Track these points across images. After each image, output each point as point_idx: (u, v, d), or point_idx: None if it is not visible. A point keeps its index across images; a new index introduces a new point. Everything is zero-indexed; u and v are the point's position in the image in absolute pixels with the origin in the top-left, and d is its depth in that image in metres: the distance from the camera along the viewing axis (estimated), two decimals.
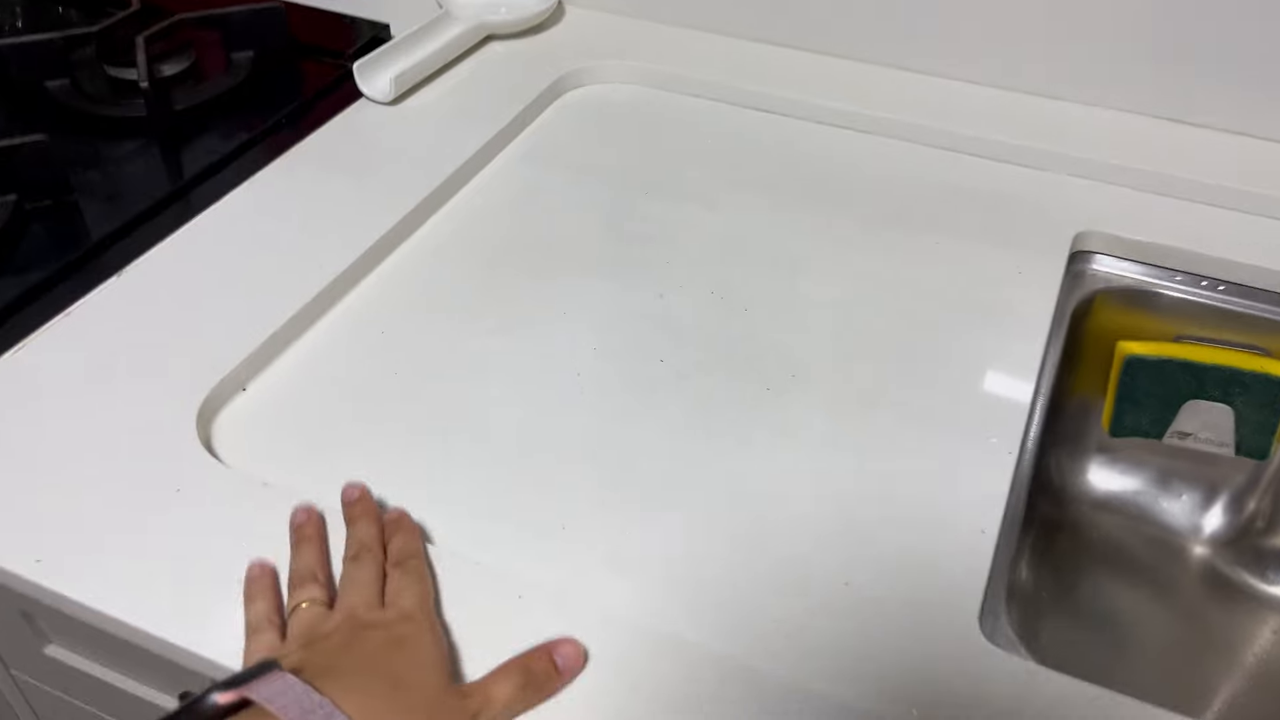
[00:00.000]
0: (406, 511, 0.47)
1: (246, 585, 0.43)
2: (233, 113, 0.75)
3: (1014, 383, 0.58)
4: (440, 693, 0.38)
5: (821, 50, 0.84)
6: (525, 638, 0.42)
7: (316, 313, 0.60)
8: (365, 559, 0.43)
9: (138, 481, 0.49)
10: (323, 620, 0.40)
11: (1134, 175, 0.72)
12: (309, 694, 0.33)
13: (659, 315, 0.61)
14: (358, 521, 0.45)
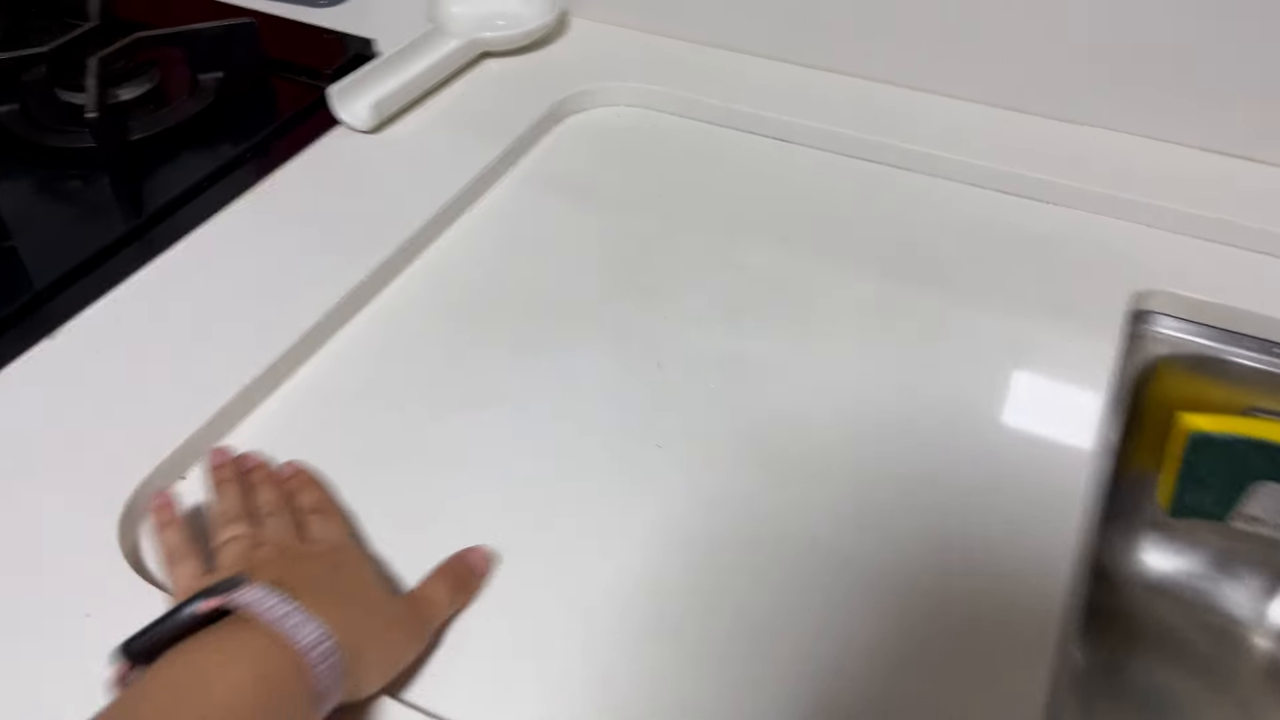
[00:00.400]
0: (303, 465, 0.47)
1: (155, 518, 0.43)
2: (197, 142, 0.68)
3: (1070, 467, 0.50)
4: (391, 601, 0.40)
5: (851, 72, 0.76)
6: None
7: (272, 383, 0.53)
8: (279, 514, 0.43)
9: (46, 600, 0.42)
10: (253, 551, 0.40)
11: (1203, 223, 0.63)
12: (283, 600, 0.34)
13: (657, 390, 0.53)
14: (261, 486, 0.45)
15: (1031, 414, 0.53)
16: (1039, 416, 0.53)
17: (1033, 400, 0.54)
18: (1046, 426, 0.52)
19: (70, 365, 0.53)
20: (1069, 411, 0.53)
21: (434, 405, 0.52)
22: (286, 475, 0.46)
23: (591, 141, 0.72)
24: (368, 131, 0.69)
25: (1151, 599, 0.68)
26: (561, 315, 0.58)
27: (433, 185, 0.65)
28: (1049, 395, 0.54)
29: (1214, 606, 0.67)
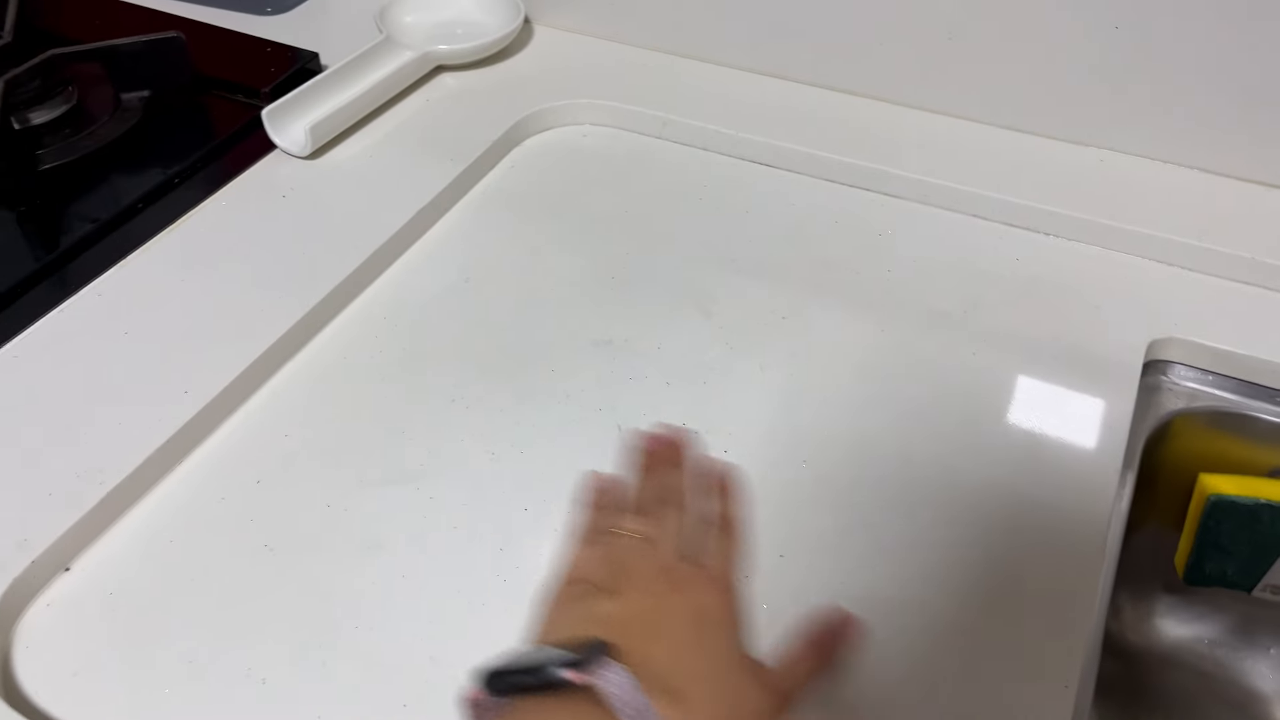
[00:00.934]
0: (734, 471, 0.41)
1: (592, 492, 0.41)
2: (118, 168, 0.61)
3: (1087, 536, 0.44)
4: (752, 685, 0.35)
5: (838, 87, 0.70)
6: None
7: (178, 454, 0.47)
8: (677, 515, 0.39)
9: None
10: (641, 561, 0.37)
11: (1227, 261, 0.57)
12: (637, 693, 0.32)
13: (614, 458, 0.47)
14: (681, 472, 0.41)
15: (1042, 476, 0.47)
16: (1050, 479, 0.47)
17: (1043, 463, 0.47)
18: (1059, 491, 0.46)
19: None
20: (1082, 473, 0.47)
21: (360, 471, 0.46)
22: (716, 472, 0.42)
23: (555, 164, 0.66)
24: (306, 157, 0.63)
25: (1167, 669, 0.62)
26: (502, 372, 0.52)
27: (376, 216, 0.59)
28: (1059, 457, 0.48)
29: (1235, 679, 0.61)
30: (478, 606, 0.42)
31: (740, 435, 0.49)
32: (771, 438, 0.49)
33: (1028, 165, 0.63)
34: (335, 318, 0.55)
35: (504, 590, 0.42)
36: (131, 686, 0.39)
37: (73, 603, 0.42)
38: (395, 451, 0.48)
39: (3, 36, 0.64)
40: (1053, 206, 0.60)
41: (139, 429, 0.47)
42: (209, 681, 0.39)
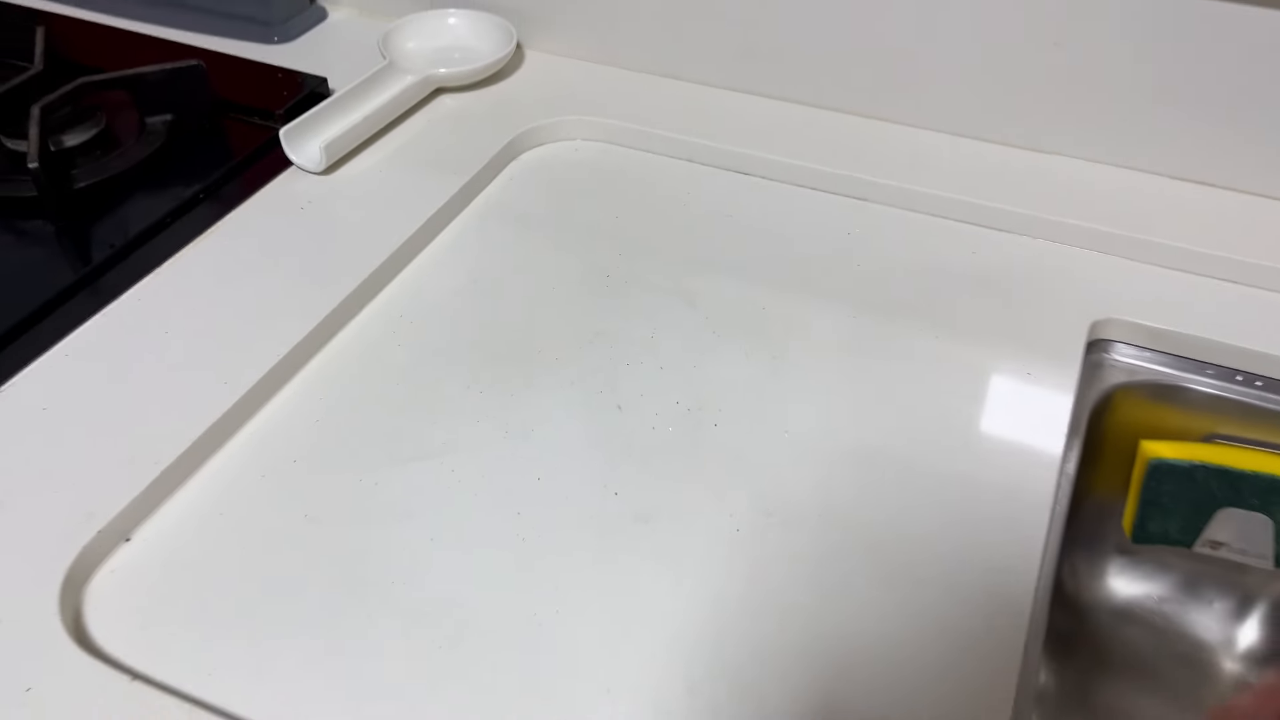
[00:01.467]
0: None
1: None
2: (145, 186, 0.66)
3: (1032, 500, 0.50)
4: None
5: (810, 102, 0.76)
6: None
7: (220, 438, 0.52)
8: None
9: None
10: None
11: (1161, 250, 0.64)
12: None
13: (615, 434, 0.53)
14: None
15: (994, 445, 0.52)
16: (1002, 447, 0.52)
17: (995, 432, 0.53)
18: (1010, 456, 0.52)
19: (12, 423, 0.52)
20: (1032, 440, 0.53)
21: (387, 451, 0.51)
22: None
23: (549, 176, 0.72)
24: (321, 173, 0.68)
25: (1118, 624, 0.68)
26: (510, 362, 0.57)
27: (388, 226, 0.64)
28: (1011, 426, 0.54)
29: (1181, 631, 0.67)
30: (499, 562, 0.47)
31: (728, 411, 0.54)
32: (757, 412, 0.54)
33: (981, 169, 0.70)
34: (355, 316, 0.60)
35: (522, 548, 0.47)
36: (192, 637, 0.43)
37: (134, 568, 0.46)
38: (418, 432, 0.53)
39: (34, 66, 0.69)
40: (1005, 205, 0.66)
41: (185, 416, 0.51)
42: (262, 631, 0.44)
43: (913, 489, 0.50)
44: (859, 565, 0.47)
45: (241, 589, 0.45)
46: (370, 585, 0.46)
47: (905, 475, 0.51)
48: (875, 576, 0.47)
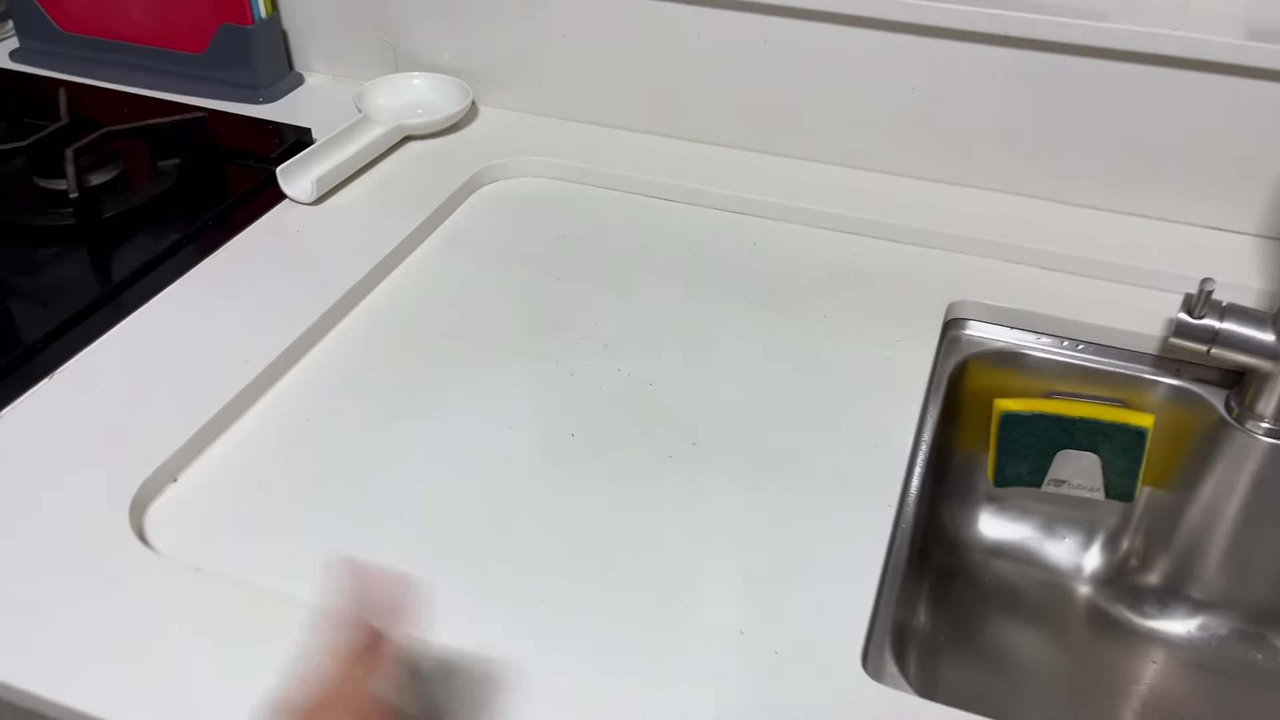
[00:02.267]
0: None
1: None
2: (161, 217, 0.78)
3: (894, 441, 0.63)
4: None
5: (716, 142, 0.91)
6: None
7: (244, 405, 0.64)
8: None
9: (72, 572, 0.52)
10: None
11: (1001, 249, 0.79)
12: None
13: (569, 392, 0.65)
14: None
15: (869, 395, 0.66)
16: (875, 396, 0.66)
17: (869, 386, 0.67)
18: (878, 415, 0.66)
19: (72, 397, 0.62)
20: (898, 390, 0.67)
21: (385, 410, 0.63)
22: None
23: (504, 205, 0.85)
24: (310, 204, 0.81)
25: (990, 561, 0.81)
26: (479, 345, 0.70)
27: (372, 244, 0.77)
28: (882, 382, 0.67)
29: (1042, 563, 0.81)
30: (482, 473, 0.59)
31: (660, 376, 0.67)
32: (684, 376, 0.67)
33: (859, 191, 0.85)
34: (347, 315, 0.72)
35: (500, 461, 0.59)
36: (236, 546, 0.54)
37: (182, 501, 0.57)
38: (404, 398, 0.65)
39: (61, 119, 0.81)
40: (878, 218, 0.82)
41: (214, 387, 0.63)
42: (298, 533, 0.55)
43: (799, 430, 0.64)
44: (757, 483, 0.60)
45: (275, 509, 0.57)
46: (383, 495, 0.57)
47: (795, 419, 0.64)
48: (762, 498, 0.60)
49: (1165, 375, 0.73)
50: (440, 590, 0.53)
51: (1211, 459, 0.73)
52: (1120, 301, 0.75)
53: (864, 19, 0.81)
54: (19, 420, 0.61)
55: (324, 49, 0.99)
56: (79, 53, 1.00)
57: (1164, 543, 0.78)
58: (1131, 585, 0.79)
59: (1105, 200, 0.83)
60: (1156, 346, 0.73)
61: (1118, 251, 0.78)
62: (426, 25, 0.94)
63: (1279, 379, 0.67)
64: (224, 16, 0.94)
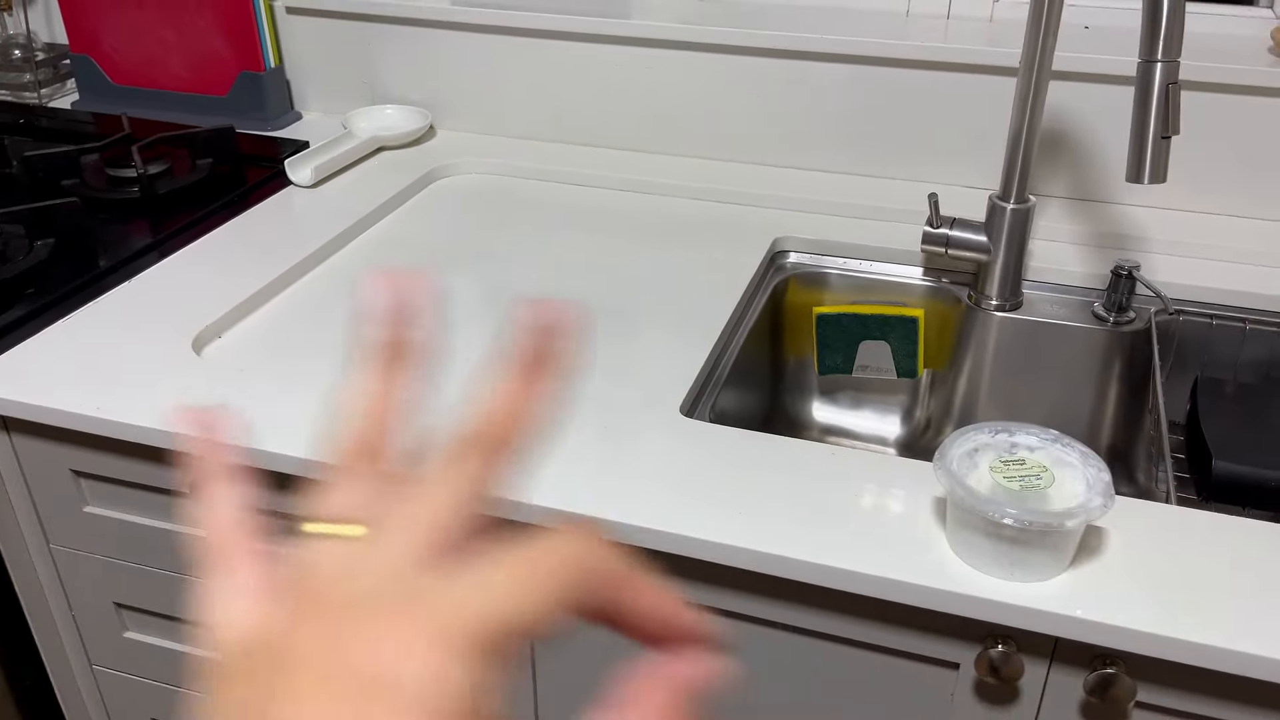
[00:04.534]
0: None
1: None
2: (199, 196, 1.07)
3: (720, 305, 0.91)
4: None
5: (617, 146, 1.21)
6: None
7: (262, 300, 0.91)
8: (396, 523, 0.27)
9: (160, 370, 0.78)
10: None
11: (814, 204, 1.08)
12: None
13: (499, 293, 0.93)
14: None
15: (705, 290, 0.94)
16: (710, 291, 0.94)
17: (708, 284, 0.95)
18: (717, 299, 0.93)
19: (148, 296, 0.89)
20: (729, 285, 0.94)
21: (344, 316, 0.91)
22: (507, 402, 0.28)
23: (453, 190, 1.14)
24: (309, 187, 1.10)
25: (824, 437, 1.08)
26: (436, 273, 0.98)
27: (354, 214, 1.05)
28: (718, 282, 0.95)
29: (861, 434, 1.08)
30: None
31: (575, 288, 0.95)
32: (584, 279, 0.95)
33: (716, 173, 1.15)
34: (330, 258, 1.00)
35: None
36: (263, 384, 0.81)
37: (228, 349, 0.84)
38: None
39: (125, 131, 1.11)
40: (727, 188, 1.11)
41: (241, 286, 0.90)
42: (307, 379, 0.81)
43: (655, 302, 0.91)
44: (624, 330, 0.87)
45: (284, 352, 0.83)
46: None
47: (653, 299, 0.92)
48: (629, 337, 0.87)
49: (929, 280, 1.02)
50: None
51: (966, 337, 1.01)
52: (899, 236, 1.04)
53: (720, 46, 1.13)
54: (110, 303, 0.88)
55: (318, 91, 1.30)
56: (128, 100, 1.29)
57: (946, 409, 1.05)
58: (926, 448, 1.06)
59: (892, 171, 1.13)
60: (921, 261, 1.02)
61: (898, 202, 1.08)
62: (398, 70, 1.25)
63: (994, 267, 0.96)
64: (243, 66, 1.24)
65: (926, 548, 0.63)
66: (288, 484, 0.70)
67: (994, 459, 0.61)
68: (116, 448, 0.76)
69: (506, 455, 0.27)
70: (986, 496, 0.58)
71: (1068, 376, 0.99)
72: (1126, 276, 0.93)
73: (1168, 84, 0.68)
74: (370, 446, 0.28)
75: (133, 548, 0.83)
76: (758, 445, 0.73)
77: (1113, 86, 1.02)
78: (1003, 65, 1.04)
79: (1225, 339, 0.94)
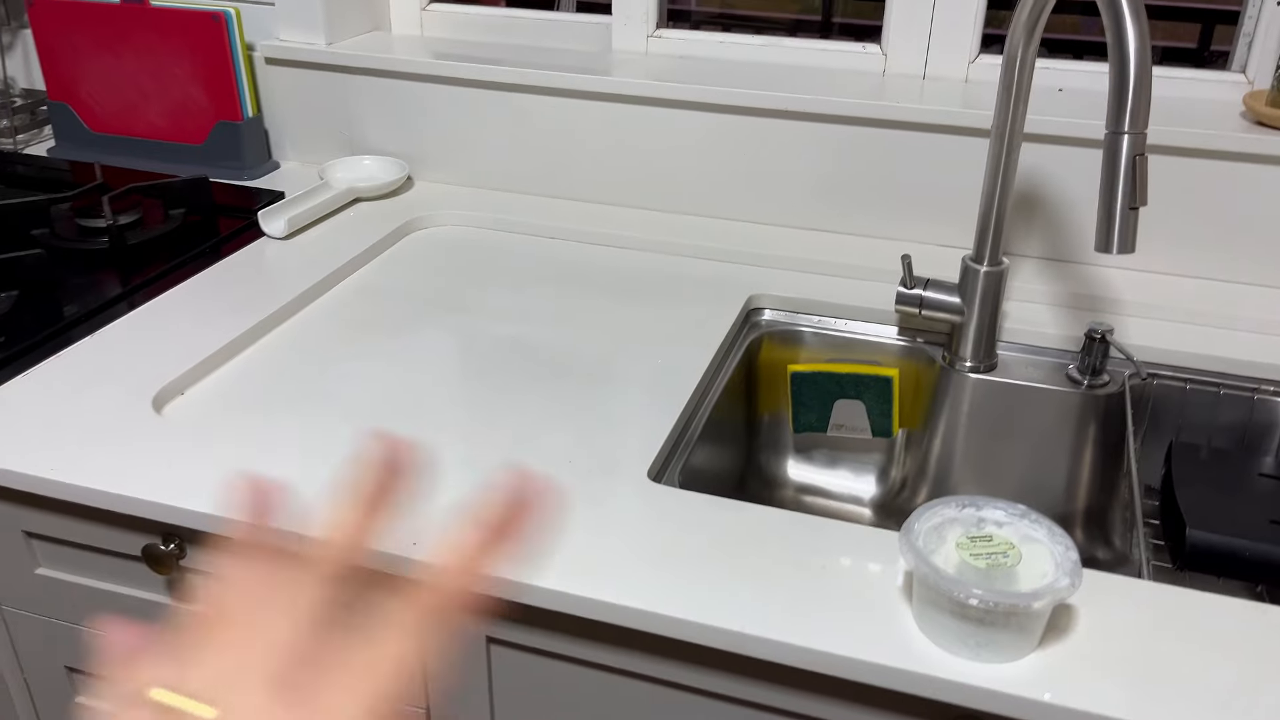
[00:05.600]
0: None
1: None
2: (169, 247, 1.06)
3: (694, 363, 0.90)
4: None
5: (589, 199, 1.21)
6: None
7: (222, 359, 0.90)
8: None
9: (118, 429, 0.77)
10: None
11: (790, 262, 1.08)
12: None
13: (471, 347, 0.92)
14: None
15: (682, 342, 0.93)
16: (686, 341, 0.93)
17: (687, 337, 0.94)
18: (690, 354, 0.93)
19: (109, 349, 0.88)
20: (704, 340, 0.94)
21: (325, 362, 0.90)
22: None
23: (428, 243, 1.14)
24: (282, 239, 1.09)
25: (799, 496, 1.07)
26: (407, 324, 0.97)
27: (327, 266, 1.04)
28: (694, 337, 0.95)
29: (836, 494, 1.06)
30: (406, 397, 0.84)
31: (535, 336, 0.94)
32: (552, 334, 0.94)
33: (703, 231, 1.14)
34: (301, 310, 0.99)
35: (416, 385, 0.85)
36: (221, 425, 0.79)
37: (189, 406, 0.82)
38: (339, 360, 0.91)
39: (97, 180, 1.10)
40: (701, 243, 1.11)
41: (201, 345, 0.89)
42: (272, 439, 0.80)
43: (628, 360, 0.90)
44: (593, 387, 0.86)
45: (250, 421, 0.82)
46: (324, 413, 0.83)
47: (627, 355, 0.91)
48: (590, 392, 0.86)
49: (904, 340, 1.01)
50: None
51: (941, 398, 1.00)
52: (874, 294, 1.04)
53: (698, 103, 1.13)
54: (72, 358, 0.87)
55: (296, 141, 1.30)
56: (105, 147, 1.29)
57: (921, 469, 1.04)
58: (902, 507, 1.04)
59: (867, 229, 1.13)
60: (896, 320, 1.01)
61: (873, 260, 1.07)
62: (376, 122, 1.25)
63: (969, 328, 0.95)
64: (220, 115, 1.24)
65: (894, 625, 0.62)
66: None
67: (960, 535, 0.60)
68: (70, 510, 0.74)
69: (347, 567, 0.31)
70: (952, 576, 0.57)
71: (1042, 439, 0.98)
72: (1100, 340, 0.93)
73: (1135, 155, 0.68)
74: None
75: (86, 611, 0.81)
76: (724, 513, 0.72)
77: (1085, 150, 1.02)
78: (976, 127, 1.04)
79: (1199, 403, 0.94)
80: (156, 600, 0.78)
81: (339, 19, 1.24)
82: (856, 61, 1.17)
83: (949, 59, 1.13)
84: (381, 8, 1.31)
